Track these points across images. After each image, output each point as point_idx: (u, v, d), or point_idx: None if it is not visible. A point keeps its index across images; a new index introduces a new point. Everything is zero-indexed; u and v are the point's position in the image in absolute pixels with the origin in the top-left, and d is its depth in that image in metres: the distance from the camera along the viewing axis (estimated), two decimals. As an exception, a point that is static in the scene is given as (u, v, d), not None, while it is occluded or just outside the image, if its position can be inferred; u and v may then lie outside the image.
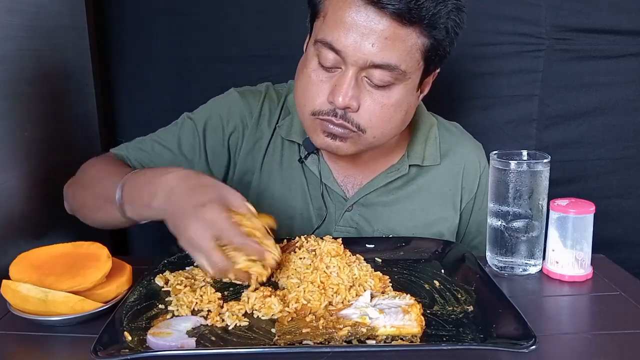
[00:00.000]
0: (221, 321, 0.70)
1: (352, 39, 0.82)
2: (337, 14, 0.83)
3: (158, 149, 1.00)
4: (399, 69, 0.84)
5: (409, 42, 0.83)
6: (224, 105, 1.04)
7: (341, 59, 0.84)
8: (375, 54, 0.82)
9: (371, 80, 0.85)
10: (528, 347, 0.61)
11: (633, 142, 1.35)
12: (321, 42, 0.85)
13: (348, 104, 0.85)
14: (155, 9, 1.39)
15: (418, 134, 1.04)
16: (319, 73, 0.87)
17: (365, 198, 1.02)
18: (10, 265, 0.74)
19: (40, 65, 1.08)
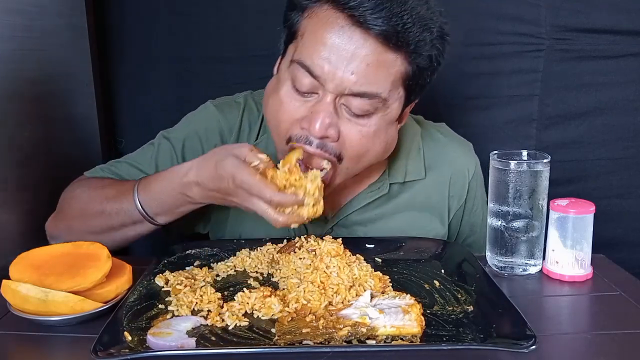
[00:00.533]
0: (221, 321, 0.70)
1: (332, 63, 0.76)
2: (317, 33, 0.77)
3: (134, 173, 0.96)
4: (380, 97, 0.79)
5: (392, 68, 0.79)
6: (202, 123, 0.99)
7: (319, 84, 0.79)
8: (356, 82, 0.77)
9: (349, 108, 0.80)
10: (528, 347, 0.61)
11: (633, 142, 1.35)
12: (298, 63, 0.79)
13: (326, 133, 0.79)
14: (155, 9, 1.39)
15: (400, 148, 0.98)
16: (292, 97, 0.81)
17: (346, 219, 0.98)
18: (10, 265, 0.74)
19: (40, 65, 1.08)
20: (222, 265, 0.86)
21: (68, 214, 0.92)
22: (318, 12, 0.79)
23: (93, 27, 1.34)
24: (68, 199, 0.93)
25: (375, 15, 0.74)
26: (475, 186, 1.04)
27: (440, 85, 1.33)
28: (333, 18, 0.77)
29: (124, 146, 1.47)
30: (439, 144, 1.03)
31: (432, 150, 1.02)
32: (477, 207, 1.06)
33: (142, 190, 0.85)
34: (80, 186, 0.94)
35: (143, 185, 0.86)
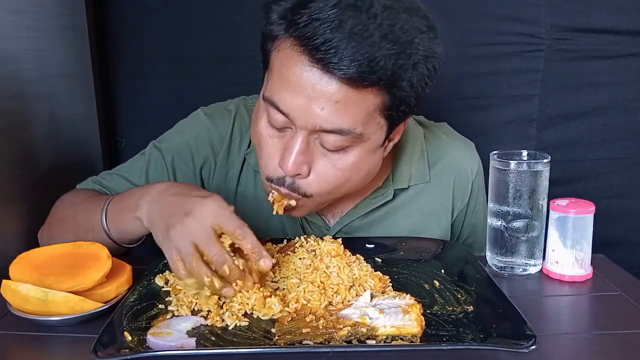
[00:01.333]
0: (221, 321, 0.70)
1: (298, 101, 0.73)
2: (282, 71, 0.74)
3: (124, 185, 0.95)
4: (354, 133, 0.75)
5: (363, 104, 0.73)
6: (192, 133, 0.97)
7: (290, 121, 0.75)
8: (326, 119, 0.73)
9: (324, 145, 0.76)
10: (528, 347, 0.61)
11: (633, 142, 1.35)
12: (268, 100, 0.76)
13: (298, 171, 0.77)
14: (155, 9, 1.39)
15: (403, 152, 0.97)
16: (269, 132, 0.79)
17: (349, 225, 0.97)
18: (10, 265, 0.74)
19: (40, 65, 1.08)
20: (222, 265, 0.86)
21: (52, 223, 0.93)
22: (284, 47, 0.74)
23: (93, 27, 1.34)
24: (54, 210, 0.94)
25: (339, 57, 0.68)
26: (478, 187, 1.03)
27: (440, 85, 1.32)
28: (297, 55, 0.72)
29: (123, 146, 1.47)
30: (442, 144, 1.01)
31: (436, 151, 1.00)
32: (478, 208, 1.05)
33: (111, 206, 0.84)
34: (67, 197, 0.94)
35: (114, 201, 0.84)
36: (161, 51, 1.41)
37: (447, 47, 1.34)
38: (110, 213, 0.83)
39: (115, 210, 0.83)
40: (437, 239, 0.97)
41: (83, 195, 0.93)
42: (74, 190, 0.97)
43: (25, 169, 1.02)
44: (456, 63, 1.35)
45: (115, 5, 1.40)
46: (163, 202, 0.74)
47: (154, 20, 1.40)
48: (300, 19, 0.70)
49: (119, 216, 0.82)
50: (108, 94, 1.44)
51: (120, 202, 0.83)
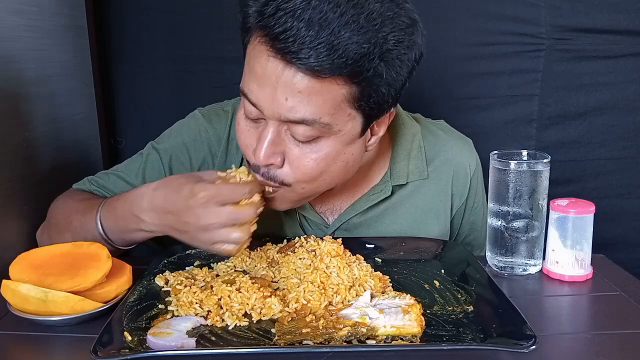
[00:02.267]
0: (221, 321, 0.70)
1: (265, 91, 0.73)
2: (251, 63, 0.75)
3: (121, 185, 0.95)
4: (321, 123, 0.74)
5: (328, 94, 0.72)
6: (190, 134, 0.97)
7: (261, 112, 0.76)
8: (289, 109, 0.72)
9: (294, 135, 0.76)
10: (528, 347, 0.61)
11: (633, 142, 1.35)
12: (241, 92, 0.78)
13: (269, 161, 0.77)
14: (155, 9, 1.39)
15: (400, 149, 0.96)
16: (245, 123, 0.80)
17: (347, 222, 0.97)
18: (10, 265, 0.74)
19: (40, 65, 1.08)
20: (222, 265, 0.86)
21: (49, 224, 0.93)
22: (254, 39, 0.74)
23: (93, 27, 1.34)
24: (51, 210, 0.94)
25: (297, 46, 0.68)
26: (477, 183, 1.03)
27: (440, 85, 1.32)
28: (262, 47, 0.72)
29: (123, 146, 1.47)
30: (440, 141, 1.01)
31: (433, 148, 1.00)
32: (477, 205, 1.05)
33: (106, 209, 0.85)
34: (64, 198, 0.95)
35: (107, 204, 0.85)
36: (161, 51, 1.41)
37: (447, 47, 1.34)
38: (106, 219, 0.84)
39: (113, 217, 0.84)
40: (437, 239, 0.97)
41: (77, 198, 0.93)
42: (69, 191, 0.97)
43: (25, 169, 1.02)
44: (456, 63, 1.35)
45: (115, 5, 1.40)
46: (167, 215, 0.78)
47: (154, 20, 1.40)
48: (267, 10, 0.70)
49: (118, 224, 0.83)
50: (108, 94, 1.44)
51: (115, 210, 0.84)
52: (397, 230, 0.98)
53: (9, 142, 0.98)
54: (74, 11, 1.22)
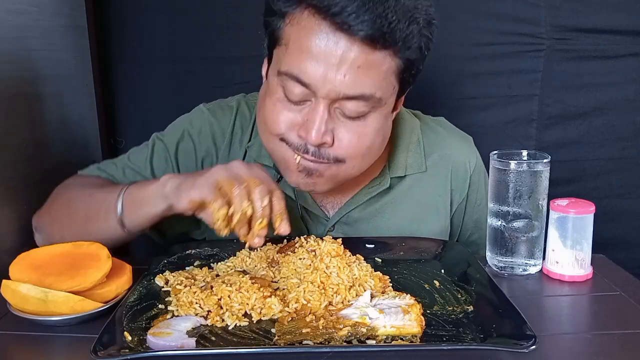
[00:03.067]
0: (221, 321, 0.70)
1: (321, 70, 0.75)
2: (302, 42, 0.76)
3: (129, 173, 0.96)
4: (375, 98, 0.78)
5: (383, 67, 0.77)
6: (195, 126, 0.98)
7: (310, 92, 0.77)
8: (348, 85, 0.75)
9: (344, 112, 0.79)
10: (528, 347, 0.61)
11: (633, 142, 1.35)
12: (286, 74, 0.78)
13: (322, 140, 0.79)
14: (155, 9, 1.39)
15: (399, 142, 0.98)
16: (285, 106, 0.81)
17: (347, 216, 0.98)
18: (10, 265, 0.74)
19: (40, 65, 1.08)
20: (222, 265, 0.86)
21: (54, 206, 0.92)
22: (299, 19, 0.76)
23: (93, 27, 1.34)
24: (56, 193, 0.94)
25: (359, 20, 0.72)
26: (478, 180, 1.03)
27: (440, 85, 1.33)
28: (316, 25, 0.74)
29: (123, 146, 1.47)
30: (439, 136, 1.02)
31: (432, 143, 1.01)
32: (480, 202, 1.04)
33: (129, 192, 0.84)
34: (71, 181, 0.95)
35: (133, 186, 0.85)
36: (161, 51, 1.41)
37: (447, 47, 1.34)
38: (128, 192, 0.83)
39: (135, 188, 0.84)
40: (437, 239, 0.97)
41: (91, 180, 0.94)
42: (77, 176, 0.97)
43: (26, 169, 1.02)
44: (456, 63, 1.35)
45: (115, 5, 1.40)
46: (188, 174, 0.80)
47: (154, 20, 1.40)
48: None
49: (139, 190, 0.83)
50: (108, 94, 1.44)
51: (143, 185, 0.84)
52: (396, 224, 0.98)
53: (9, 142, 0.98)
54: (74, 11, 1.22)
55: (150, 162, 0.97)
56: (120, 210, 0.83)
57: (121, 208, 0.83)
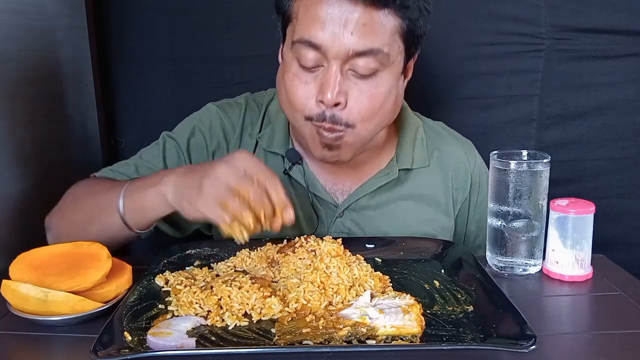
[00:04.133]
0: (221, 321, 0.70)
1: (329, 31, 0.81)
2: (310, 10, 0.83)
3: (143, 171, 0.97)
4: (383, 52, 0.83)
5: (386, 24, 0.83)
6: (205, 122, 1.01)
7: (322, 56, 0.83)
8: (357, 42, 0.81)
9: (356, 70, 0.84)
10: (528, 347, 0.61)
11: (633, 142, 1.35)
12: (299, 41, 0.83)
13: (337, 99, 0.83)
14: (155, 9, 1.39)
15: (405, 135, 1.02)
16: (302, 75, 0.86)
17: (356, 203, 1.00)
18: (10, 265, 0.74)
19: (40, 65, 1.08)
20: (222, 265, 0.86)
21: (63, 206, 0.93)
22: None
23: (93, 27, 1.34)
24: (68, 193, 0.94)
25: None
26: (479, 180, 1.05)
27: (440, 85, 1.33)
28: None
29: (123, 146, 1.47)
30: (440, 136, 1.07)
31: (433, 140, 1.05)
32: (482, 202, 1.05)
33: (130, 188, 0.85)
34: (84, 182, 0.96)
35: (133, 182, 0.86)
36: (161, 51, 1.41)
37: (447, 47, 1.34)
38: (129, 192, 0.84)
39: (135, 188, 0.84)
40: (437, 239, 0.98)
41: (101, 180, 0.95)
42: (90, 178, 0.99)
43: (25, 169, 1.02)
44: (456, 63, 1.35)
45: (115, 5, 1.40)
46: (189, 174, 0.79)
47: (154, 20, 1.40)
48: None
49: (139, 193, 0.83)
50: (108, 94, 1.44)
51: (141, 181, 0.85)
52: (403, 216, 1.01)
53: (9, 142, 0.98)
54: (74, 11, 1.22)
55: (163, 158, 0.99)
56: (122, 210, 0.84)
57: (123, 208, 0.84)
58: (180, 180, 0.79)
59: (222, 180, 0.74)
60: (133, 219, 0.85)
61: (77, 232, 0.86)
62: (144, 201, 0.82)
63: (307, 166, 0.99)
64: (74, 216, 0.90)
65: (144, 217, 0.85)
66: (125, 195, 0.83)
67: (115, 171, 0.99)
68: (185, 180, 0.79)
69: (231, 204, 0.73)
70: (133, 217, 0.84)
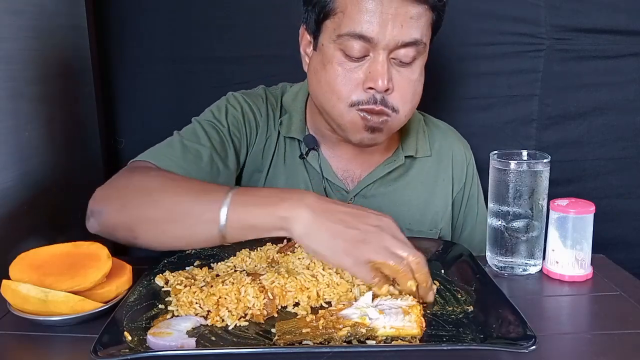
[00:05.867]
0: (221, 321, 0.70)
1: (381, 24, 0.87)
2: (361, 5, 0.88)
3: (194, 151, 0.93)
4: (422, 43, 0.91)
5: (424, 17, 0.90)
6: (236, 106, 1.04)
7: (369, 47, 0.89)
8: (405, 34, 0.88)
9: (399, 59, 0.90)
10: (528, 347, 0.61)
11: (633, 142, 1.35)
12: (349, 34, 0.88)
13: (387, 86, 0.89)
14: (155, 9, 1.39)
15: (410, 127, 1.09)
16: (347, 64, 0.90)
17: (366, 190, 1.06)
18: (10, 265, 0.74)
19: (40, 65, 1.08)
20: (222, 265, 0.86)
21: (124, 194, 0.83)
22: None
23: (93, 27, 1.34)
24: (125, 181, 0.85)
25: None
26: (472, 174, 1.14)
27: (440, 85, 1.32)
28: None
29: (123, 146, 1.47)
30: (440, 130, 1.14)
31: (434, 134, 1.12)
32: (473, 200, 1.14)
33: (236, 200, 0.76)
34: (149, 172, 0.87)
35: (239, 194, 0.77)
36: (161, 51, 1.41)
37: (447, 47, 1.34)
38: (235, 205, 0.75)
39: (242, 202, 0.75)
40: (437, 239, 0.98)
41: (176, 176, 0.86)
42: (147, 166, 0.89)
43: (26, 169, 1.02)
44: (456, 63, 1.35)
45: (115, 5, 1.40)
46: (331, 217, 0.72)
47: (154, 20, 1.40)
48: None
49: (248, 209, 0.75)
50: (108, 94, 1.44)
51: (251, 195, 0.77)
52: (408, 203, 1.07)
53: (9, 142, 0.98)
54: (74, 11, 1.22)
55: (207, 136, 0.96)
56: (224, 223, 0.75)
57: (226, 221, 0.75)
58: (317, 218, 0.72)
59: (382, 245, 0.70)
60: (234, 234, 0.76)
61: (150, 229, 0.79)
62: (256, 221, 0.74)
63: (321, 153, 1.05)
64: (147, 212, 0.79)
65: (251, 234, 0.77)
66: (230, 208, 0.75)
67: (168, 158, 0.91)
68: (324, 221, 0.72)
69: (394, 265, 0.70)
70: (235, 233, 0.76)
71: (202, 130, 0.98)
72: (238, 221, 0.74)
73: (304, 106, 1.06)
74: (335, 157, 1.06)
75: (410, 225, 1.06)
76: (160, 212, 0.79)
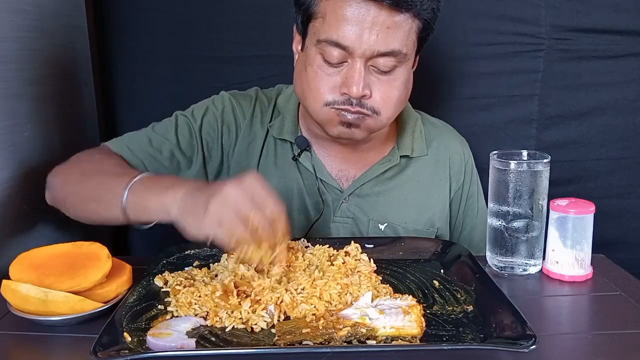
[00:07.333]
0: (220, 322, 0.70)
1: (357, 33, 0.87)
2: (338, 12, 0.87)
3: (156, 144, 0.99)
4: (402, 53, 0.90)
5: (406, 27, 0.89)
6: (218, 105, 1.06)
7: (347, 54, 0.89)
8: (381, 44, 0.87)
9: (377, 67, 0.90)
10: (528, 347, 0.61)
11: (633, 142, 1.35)
12: (326, 41, 0.89)
13: (363, 93, 0.89)
14: (155, 9, 1.39)
15: (406, 127, 1.09)
16: (325, 69, 0.91)
17: (360, 189, 1.05)
18: (10, 265, 0.74)
19: (40, 65, 1.08)
20: (222, 265, 0.86)
21: (70, 171, 0.93)
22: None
23: (93, 27, 1.34)
24: (77, 159, 0.95)
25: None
26: (471, 173, 1.13)
27: (440, 85, 1.32)
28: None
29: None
30: (437, 129, 1.13)
31: (432, 132, 1.12)
32: (472, 200, 1.13)
33: (137, 187, 0.82)
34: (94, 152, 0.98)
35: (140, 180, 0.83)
36: (161, 51, 1.41)
37: (447, 47, 1.34)
38: (135, 189, 0.81)
39: (142, 188, 0.81)
40: (436, 239, 0.98)
41: (113, 158, 0.96)
42: (102, 147, 1.00)
43: (26, 169, 1.02)
44: (456, 63, 1.35)
45: (115, 5, 1.40)
46: (197, 192, 0.75)
47: (154, 20, 1.40)
48: None
49: (144, 194, 0.80)
50: (108, 94, 1.44)
51: (151, 181, 0.83)
52: (404, 203, 1.06)
53: (9, 142, 0.98)
54: (74, 11, 1.21)
55: (175, 133, 1.02)
56: (124, 204, 0.81)
57: (126, 202, 0.81)
58: (189, 196, 0.76)
59: (230, 203, 0.71)
60: (134, 214, 0.82)
61: (76, 203, 0.90)
62: (148, 204, 0.80)
63: (314, 153, 1.05)
64: (78, 188, 0.89)
65: (146, 216, 0.82)
66: (130, 191, 0.81)
67: (127, 146, 0.99)
68: (193, 197, 0.75)
69: (238, 231, 0.70)
70: (135, 213, 0.82)
71: (174, 125, 1.03)
72: (134, 202, 0.81)
73: (296, 107, 1.07)
74: (329, 157, 1.06)
75: (406, 225, 1.05)
76: (85, 191, 0.88)
